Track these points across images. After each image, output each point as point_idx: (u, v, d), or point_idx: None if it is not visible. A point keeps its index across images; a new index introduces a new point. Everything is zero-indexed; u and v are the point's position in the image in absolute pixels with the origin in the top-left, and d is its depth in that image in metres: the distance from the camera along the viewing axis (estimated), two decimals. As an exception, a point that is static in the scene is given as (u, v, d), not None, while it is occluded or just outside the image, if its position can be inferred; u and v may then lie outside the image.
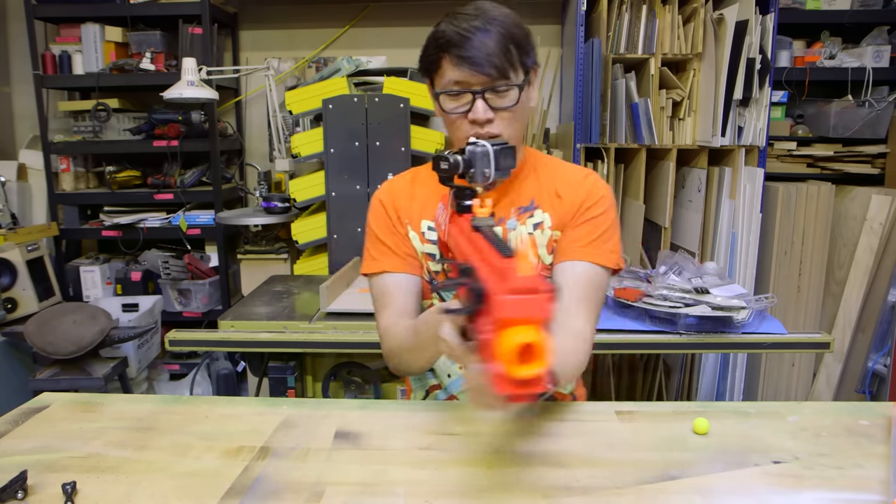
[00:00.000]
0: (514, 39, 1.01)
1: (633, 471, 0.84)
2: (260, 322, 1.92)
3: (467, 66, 0.99)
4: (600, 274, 1.09)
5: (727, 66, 2.33)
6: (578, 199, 1.12)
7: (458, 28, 0.99)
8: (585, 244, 1.09)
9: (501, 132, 1.05)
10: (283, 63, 3.14)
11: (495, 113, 1.03)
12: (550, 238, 1.12)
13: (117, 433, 0.95)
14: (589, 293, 1.08)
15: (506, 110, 1.03)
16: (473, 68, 0.99)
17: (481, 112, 1.01)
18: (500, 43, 0.99)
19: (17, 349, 2.52)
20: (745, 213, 2.47)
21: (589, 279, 1.08)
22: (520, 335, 0.60)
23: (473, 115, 1.02)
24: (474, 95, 1.01)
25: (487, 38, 0.98)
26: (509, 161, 0.94)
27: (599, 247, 1.09)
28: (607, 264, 1.09)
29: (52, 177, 2.93)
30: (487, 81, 1.00)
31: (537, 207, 1.13)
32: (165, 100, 2.40)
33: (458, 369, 1.20)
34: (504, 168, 0.94)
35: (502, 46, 0.99)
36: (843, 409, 1.03)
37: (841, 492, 0.79)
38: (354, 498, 0.78)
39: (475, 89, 1.01)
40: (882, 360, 2.56)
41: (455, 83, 1.02)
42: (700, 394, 2.63)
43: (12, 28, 3.17)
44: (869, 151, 2.73)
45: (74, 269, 3.01)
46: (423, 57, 1.07)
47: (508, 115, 1.04)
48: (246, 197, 3.27)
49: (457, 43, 0.99)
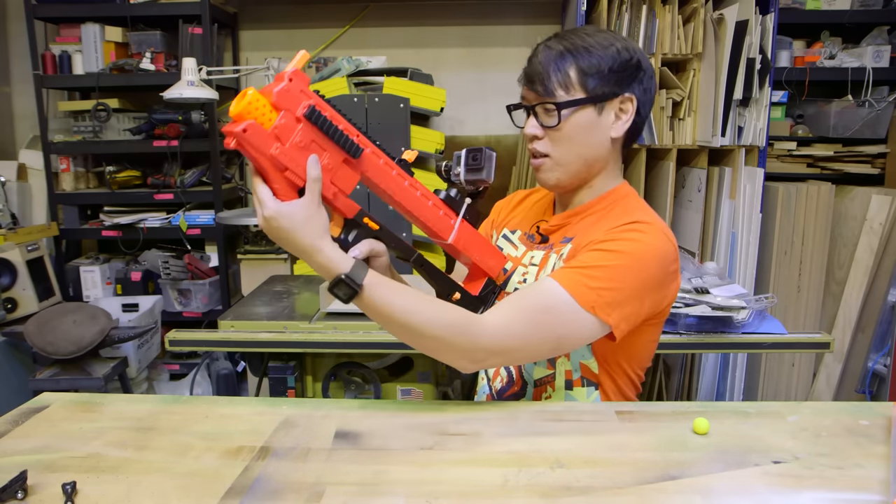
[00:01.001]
0: (577, 59, 0.98)
1: (633, 471, 0.84)
2: (260, 322, 1.92)
3: (525, 81, 1.03)
4: (562, 300, 0.92)
5: (727, 66, 2.33)
6: (605, 231, 0.99)
7: (538, 47, 1.03)
8: (570, 267, 0.96)
9: (549, 152, 1.03)
10: (283, 63, 3.14)
11: (546, 131, 1.02)
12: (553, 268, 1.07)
13: (117, 433, 0.95)
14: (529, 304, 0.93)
15: (552, 129, 1.02)
16: (528, 84, 1.03)
17: (528, 128, 1.04)
18: (556, 61, 0.99)
19: (17, 349, 2.52)
20: (745, 213, 2.47)
21: (541, 293, 0.94)
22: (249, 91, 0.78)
23: (525, 129, 1.04)
24: (527, 111, 1.04)
25: (547, 55, 1.00)
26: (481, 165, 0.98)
27: (581, 277, 0.93)
28: (577, 298, 0.91)
29: (52, 177, 2.93)
30: (535, 98, 1.02)
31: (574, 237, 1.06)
32: (165, 100, 2.41)
33: (481, 378, 1.21)
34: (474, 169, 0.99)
35: (557, 64, 0.99)
36: (843, 409, 1.03)
37: (841, 492, 0.79)
38: (354, 498, 0.78)
39: (527, 104, 1.04)
40: (882, 360, 2.56)
41: (521, 98, 1.06)
42: (700, 394, 2.63)
43: (12, 28, 3.17)
44: (869, 151, 2.73)
45: (74, 269, 3.01)
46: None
47: (557, 135, 1.01)
48: (246, 197, 3.27)
49: (529, 60, 1.04)
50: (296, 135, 0.80)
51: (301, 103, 0.80)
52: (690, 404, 1.05)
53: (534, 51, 1.03)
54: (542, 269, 1.09)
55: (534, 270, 1.10)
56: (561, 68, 0.99)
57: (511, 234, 1.20)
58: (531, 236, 1.16)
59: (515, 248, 1.17)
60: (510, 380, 1.16)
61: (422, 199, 0.92)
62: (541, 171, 1.06)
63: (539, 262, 1.10)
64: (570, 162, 1.03)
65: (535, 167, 1.06)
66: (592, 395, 1.07)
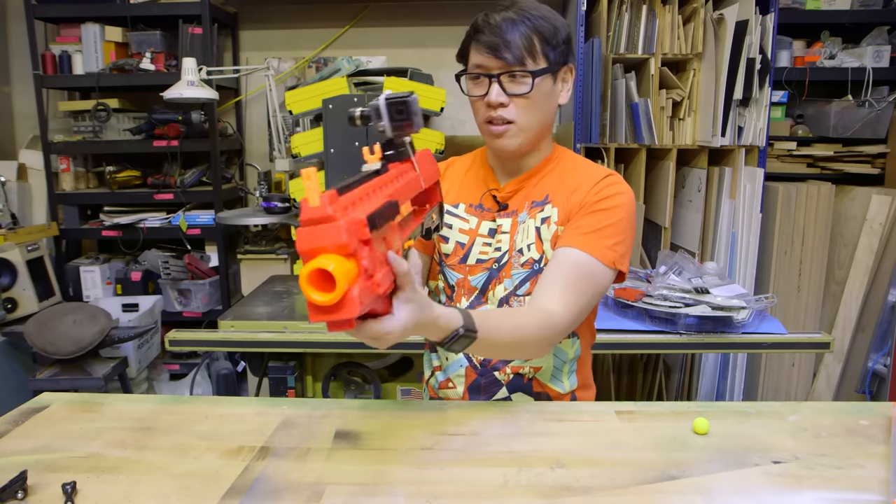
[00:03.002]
0: (538, 30, 1.04)
1: (633, 471, 0.84)
2: (260, 322, 1.92)
3: (486, 50, 1.05)
4: (593, 265, 1.05)
5: (727, 66, 2.33)
6: (590, 193, 1.11)
7: (489, 18, 1.06)
8: (584, 233, 1.07)
9: (515, 119, 1.08)
10: (283, 63, 3.14)
11: (511, 99, 1.06)
12: (555, 233, 1.12)
13: (117, 433, 0.95)
14: (574, 281, 1.04)
15: (521, 97, 1.06)
16: (490, 52, 1.04)
17: (494, 95, 1.06)
18: (521, 31, 1.04)
19: (17, 349, 2.52)
20: (745, 213, 2.47)
21: (577, 266, 1.05)
22: (314, 263, 0.61)
23: (488, 97, 1.06)
24: (490, 79, 1.06)
25: (509, 25, 1.03)
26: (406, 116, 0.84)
27: (598, 240, 1.07)
28: (602, 259, 1.06)
29: (52, 177, 2.93)
30: (503, 66, 1.05)
31: (549, 202, 1.14)
32: (165, 100, 2.40)
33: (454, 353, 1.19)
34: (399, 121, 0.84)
35: (523, 34, 1.04)
36: (843, 409, 1.03)
37: (841, 492, 0.79)
38: (354, 498, 0.78)
39: (492, 73, 1.06)
40: (882, 360, 2.56)
41: (476, 66, 1.08)
42: (700, 394, 2.63)
43: (12, 28, 3.17)
44: (869, 151, 2.73)
45: (74, 269, 3.01)
46: (460, 47, 1.13)
47: (524, 102, 1.07)
48: (246, 197, 3.27)
49: (482, 30, 1.05)
50: (373, 257, 0.67)
51: (359, 228, 0.64)
52: (690, 404, 1.05)
53: (484, 20, 1.06)
54: (516, 233, 1.14)
55: (506, 238, 1.15)
56: (528, 38, 1.04)
57: (454, 208, 1.20)
58: (480, 206, 1.18)
59: (466, 222, 1.19)
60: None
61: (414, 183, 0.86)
62: (504, 137, 1.09)
63: (510, 229, 1.15)
64: (532, 128, 1.10)
65: (496, 134, 1.09)
66: (575, 344, 1.19)
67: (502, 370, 1.17)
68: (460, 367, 1.19)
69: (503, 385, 1.18)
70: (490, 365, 1.17)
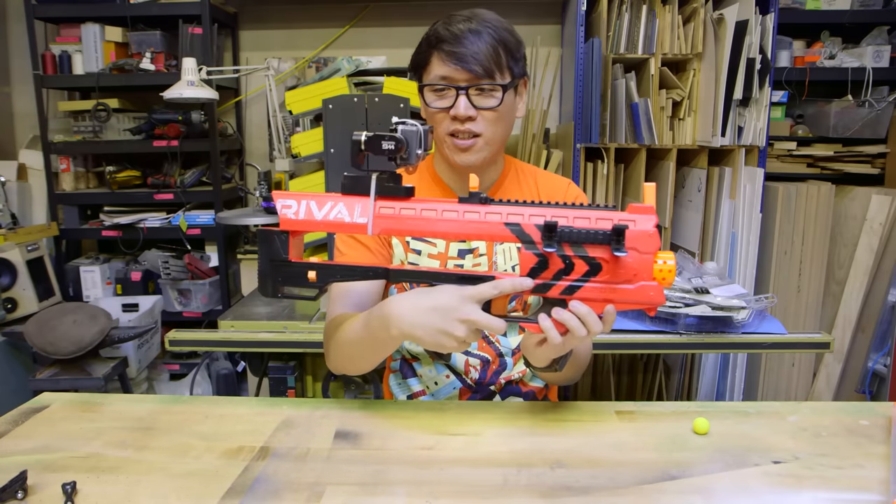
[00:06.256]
0: (503, 43, 1.02)
1: (633, 471, 0.84)
2: (260, 322, 1.93)
3: (454, 61, 1.01)
4: None
5: (727, 66, 2.33)
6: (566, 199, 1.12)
7: (450, 27, 1.02)
8: None
9: (482, 132, 1.05)
10: (283, 63, 3.14)
11: (478, 112, 1.04)
12: None
13: (117, 433, 0.95)
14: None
15: (490, 110, 1.04)
16: (459, 64, 1.01)
17: (462, 108, 1.03)
18: (488, 43, 1.01)
19: (17, 349, 2.52)
20: (745, 213, 2.47)
21: None
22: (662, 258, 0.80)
23: (455, 110, 1.03)
24: (458, 92, 1.02)
25: (477, 38, 1.01)
26: (429, 144, 0.86)
27: None
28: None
29: (52, 177, 2.92)
30: (472, 79, 1.02)
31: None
32: (165, 100, 2.40)
33: (445, 377, 1.18)
34: (426, 149, 0.85)
35: (491, 47, 1.01)
36: (843, 409, 1.03)
37: (841, 492, 0.79)
38: (354, 498, 0.78)
39: (460, 85, 1.02)
40: (882, 360, 2.56)
41: (441, 78, 1.04)
42: (700, 394, 2.63)
43: (12, 28, 3.17)
44: (869, 151, 2.73)
45: (74, 269, 3.01)
46: (415, 55, 1.10)
47: (492, 116, 1.04)
48: (246, 197, 3.26)
49: (447, 40, 1.01)
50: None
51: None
52: (690, 404, 1.05)
53: (446, 30, 1.02)
54: (494, 254, 1.13)
55: (484, 260, 1.13)
56: (495, 50, 1.02)
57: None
58: None
59: (434, 245, 1.14)
60: (485, 362, 1.16)
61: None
62: (471, 151, 1.06)
63: (486, 251, 1.14)
64: (497, 141, 1.08)
65: (461, 147, 1.06)
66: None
67: (497, 383, 1.17)
68: (453, 389, 1.18)
69: (496, 393, 1.19)
70: (486, 381, 1.17)
